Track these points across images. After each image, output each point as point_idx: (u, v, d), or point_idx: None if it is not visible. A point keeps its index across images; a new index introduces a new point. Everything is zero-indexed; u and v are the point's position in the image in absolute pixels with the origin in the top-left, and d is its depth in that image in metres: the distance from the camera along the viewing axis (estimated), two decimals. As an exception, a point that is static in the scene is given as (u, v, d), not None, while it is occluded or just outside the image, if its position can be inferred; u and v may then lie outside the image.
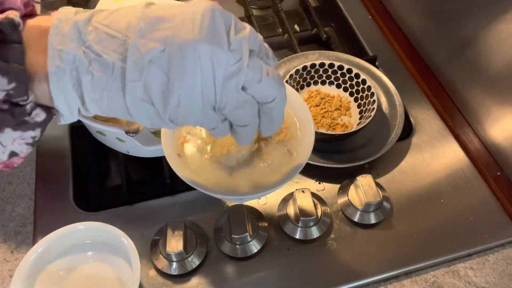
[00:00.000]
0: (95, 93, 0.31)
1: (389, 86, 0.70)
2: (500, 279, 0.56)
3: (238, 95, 0.31)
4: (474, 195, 0.62)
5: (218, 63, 0.30)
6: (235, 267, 0.55)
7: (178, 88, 0.30)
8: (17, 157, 0.35)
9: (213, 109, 0.32)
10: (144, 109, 0.32)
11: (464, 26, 0.69)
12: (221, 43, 0.30)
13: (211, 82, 0.30)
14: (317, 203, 0.57)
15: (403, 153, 0.66)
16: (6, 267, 0.55)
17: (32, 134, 0.33)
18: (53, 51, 0.30)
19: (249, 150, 0.45)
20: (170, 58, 0.29)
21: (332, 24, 0.87)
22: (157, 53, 0.29)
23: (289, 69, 0.70)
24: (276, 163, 0.45)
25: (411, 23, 0.82)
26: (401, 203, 0.61)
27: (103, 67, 0.30)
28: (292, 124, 0.47)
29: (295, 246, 0.56)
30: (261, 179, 0.44)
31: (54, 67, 0.30)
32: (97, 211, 0.59)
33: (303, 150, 0.45)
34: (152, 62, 0.29)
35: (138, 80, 0.30)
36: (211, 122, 0.33)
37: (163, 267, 0.53)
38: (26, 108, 0.31)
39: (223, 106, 0.32)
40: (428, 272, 0.56)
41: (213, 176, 0.44)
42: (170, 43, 0.29)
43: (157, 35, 0.29)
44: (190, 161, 0.45)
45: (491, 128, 0.67)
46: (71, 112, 0.33)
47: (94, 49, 0.30)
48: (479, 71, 0.67)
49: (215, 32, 0.30)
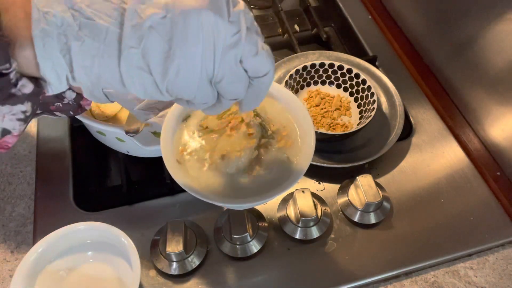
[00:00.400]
0: (85, 60, 0.29)
1: (389, 86, 0.70)
2: (500, 279, 0.56)
3: (235, 68, 0.31)
4: (474, 195, 0.62)
5: (219, 33, 0.29)
6: (235, 267, 0.55)
7: (179, 56, 0.29)
8: (10, 135, 0.33)
9: (209, 82, 0.31)
10: (139, 78, 0.30)
11: (464, 26, 0.69)
12: (222, 14, 0.29)
13: (211, 52, 0.29)
14: (317, 203, 0.57)
15: (403, 153, 0.66)
16: (6, 267, 0.55)
17: (23, 108, 0.31)
18: (37, 13, 0.28)
19: (248, 158, 0.44)
20: (172, 25, 0.28)
21: (332, 24, 0.87)
22: (158, 19, 0.28)
23: (289, 69, 0.70)
24: (276, 171, 0.45)
25: (411, 23, 0.82)
26: (401, 203, 0.61)
27: (95, 32, 0.28)
28: (292, 131, 0.47)
29: (295, 246, 0.56)
30: (260, 186, 0.44)
31: (39, 31, 0.28)
32: (97, 211, 0.59)
33: (303, 157, 0.45)
34: (153, 28, 0.28)
35: (136, 46, 0.28)
36: (206, 96, 0.32)
37: (163, 267, 0.53)
38: (10, 77, 0.29)
39: (220, 79, 0.31)
40: (428, 272, 0.56)
41: (213, 183, 0.44)
42: (171, 10, 0.28)
43: (157, 1, 0.29)
44: (189, 168, 0.45)
45: (491, 128, 0.67)
46: (59, 80, 0.31)
47: (84, 12, 0.28)
48: (479, 71, 0.67)
49: (217, 2, 0.29)
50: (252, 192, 0.43)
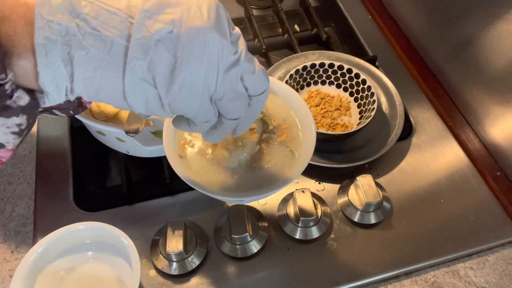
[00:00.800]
0: (87, 71, 0.29)
1: (389, 86, 0.70)
2: (500, 279, 0.56)
3: (237, 85, 0.32)
4: (474, 195, 0.62)
5: (222, 52, 0.30)
6: (235, 267, 0.55)
7: (184, 70, 0.30)
8: (3, 149, 0.32)
9: (210, 99, 0.32)
10: (143, 91, 0.30)
11: (464, 26, 0.69)
12: (225, 35, 0.31)
13: (215, 69, 0.30)
14: (317, 203, 0.57)
15: (403, 153, 0.66)
16: (6, 267, 0.55)
17: (17, 121, 0.30)
18: (41, 20, 0.28)
19: (250, 152, 0.45)
20: (179, 40, 0.29)
21: (332, 24, 0.87)
22: (165, 33, 0.29)
23: (289, 69, 0.70)
24: (278, 164, 0.45)
25: (411, 23, 0.82)
26: (401, 203, 0.61)
27: (100, 43, 0.29)
28: (293, 125, 0.48)
29: (295, 246, 0.56)
30: (263, 180, 0.44)
31: (42, 38, 0.28)
32: (97, 211, 0.59)
33: (305, 150, 0.45)
34: (160, 42, 0.29)
35: (143, 58, 0.29)
36: (207, 113, 0.33)
37: (163, 267, 0.53)
38: (6, 88, 0.28)
39: (221, 96, 0.32)
40: (428, 272, 0.56)
41: (215, 177, 0.44)
42: (178, 26, 0.29)
43: (165, 17, 0.29)
44: (191, 162, 0.45)
45: (491, 128, 0.67)
46: (58, 91, 0.30)
47: (90, 22, 0.28)
48: (479, 71, 0.67)
49: (221, 23, 0.31)
50: (255, 186, 0.43)
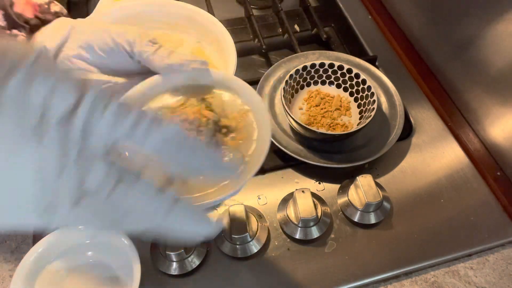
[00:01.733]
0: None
1: (389, 86, 0.70)
2: (500, 279, 0.56)
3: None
4: (474, 195, 0.62)
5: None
6: (235, 267, 0.55)
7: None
8: None
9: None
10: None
11: (464, 26, 0.69)
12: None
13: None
14: (317, 203, 0.57)
15: (403, 153, 0.66)
16: (6, 267, 0.55)
17: None
18: None
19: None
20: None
21: (332, 24, 0.87)
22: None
23: (289, 69, 0.70)
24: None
25: (411, 24, 0.82)
26: (401, 203, 0.61)
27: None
28: (248, 126, 0.44)
29: (295, 246, 0.56)
30: (210, 185, 0.41)
31: None
32: (97, 211, 0.59)
33: (256, 153, 0.42)
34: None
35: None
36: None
37: (163, 267, 0.53)
38: None
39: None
40: (428, 272, 0.56)
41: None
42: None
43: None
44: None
45: (491, 128, 0.67)
46: None
47: None
48: (479, 71, 0.67)
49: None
50: (203, 189, 0.40)
